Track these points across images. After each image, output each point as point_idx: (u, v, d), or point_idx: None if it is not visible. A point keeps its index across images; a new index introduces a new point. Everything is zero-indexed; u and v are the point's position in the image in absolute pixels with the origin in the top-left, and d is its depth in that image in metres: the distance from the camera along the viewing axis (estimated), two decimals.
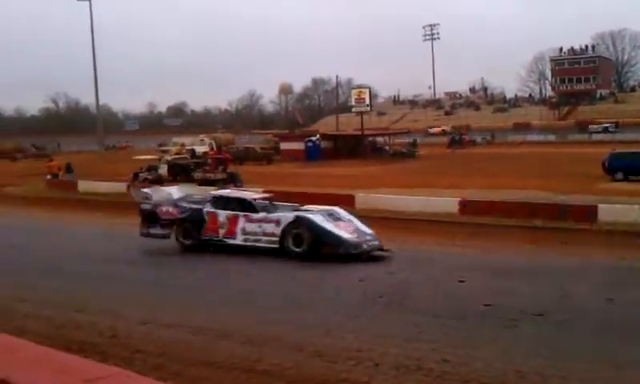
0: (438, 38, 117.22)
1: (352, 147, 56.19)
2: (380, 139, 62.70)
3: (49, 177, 36.41)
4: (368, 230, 14.32)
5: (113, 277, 11.83)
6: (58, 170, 37.60)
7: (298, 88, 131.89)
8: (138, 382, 2.34)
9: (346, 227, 14.01)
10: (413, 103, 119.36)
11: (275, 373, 6.19)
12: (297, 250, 13.38)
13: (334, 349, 6.96)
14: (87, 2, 74.24)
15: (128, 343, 7.15)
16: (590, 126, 74.76)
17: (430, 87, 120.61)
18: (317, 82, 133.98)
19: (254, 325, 7.93)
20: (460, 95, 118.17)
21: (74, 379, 2.28)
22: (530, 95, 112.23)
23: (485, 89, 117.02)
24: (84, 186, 32.74)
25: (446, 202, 21.43)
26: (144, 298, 9.81)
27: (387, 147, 59.57)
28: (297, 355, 6.74)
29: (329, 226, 13.74)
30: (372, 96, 66.53)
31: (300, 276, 11.53)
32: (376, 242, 13.94)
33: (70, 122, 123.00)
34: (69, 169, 38.46)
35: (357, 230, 14.11)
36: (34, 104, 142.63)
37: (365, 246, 13.58)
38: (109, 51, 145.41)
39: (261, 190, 27.02)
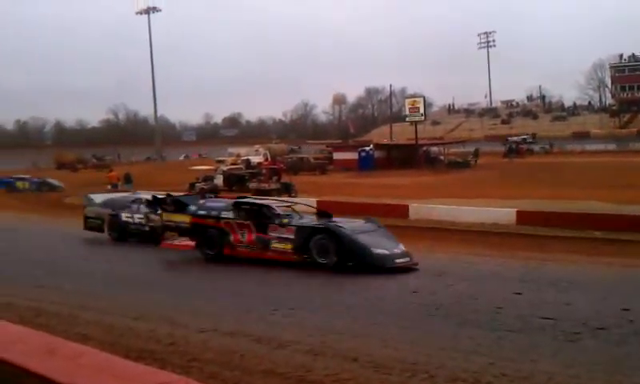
0: (494, 46, 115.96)
1: (406, 157, 55.93)
2: (434, 149, 62.19)
3: (108, 187, 37.38)
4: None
5: (170, 285, 12.06)
6: (118, 180, 38.59)
7: (351, 98, 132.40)
8: None
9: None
10: (468, 112, 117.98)
11: (330, 383, 6.18)
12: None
13: (389, 360, 6.90)
14: (146, 16, 76.16)
15: (185, 351, 7.25)
16: None
17: (485, 96, 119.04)
18: (370, 92, 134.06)
19: (311, 334, 7.94)
20: (517, 103, 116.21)
21: None
22: (590, 103, 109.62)
23: (542, 97, 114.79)
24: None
25: (502, 213, 21.11)
26: (200, 306, 9.94)
27: (442, 157, 59.01)
28: (352, 365, 6.71)
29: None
30: (426, 105, 66.29)
31: (350, 286, 11.49)
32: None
33: (129, 133, 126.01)
34: (128, 179, 39.46)
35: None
36: (94, 116, 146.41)
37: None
38: (167, 64, 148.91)
39: (314, 199, 27.19)
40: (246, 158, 53.50)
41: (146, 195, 19.01)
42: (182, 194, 20.00)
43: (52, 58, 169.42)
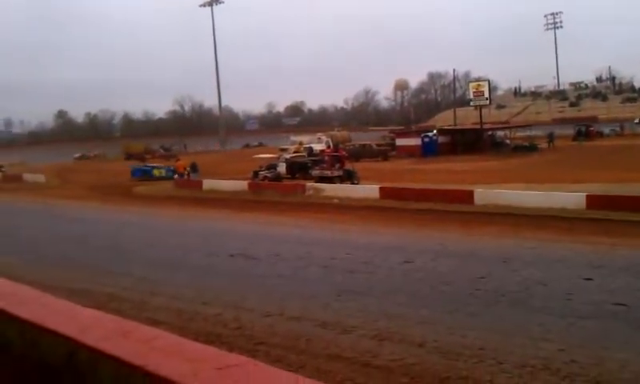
0: (561, 27, 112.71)
1: (470, 142, 55.00)
2: (500, 133, 60.94)
3: (176, 176, 38.15)
4: None
5: (236, 271, 12.25)
6: (184, 169, 39.33)
7: (413, 83, 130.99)
8: (266, 371, 2.40)
9: None
10: (535, 95, 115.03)
11: (396, 368, 6.18)
12: None
13: (455, 346, 6.85)
14: (210, 8, 77.16)
15: (252, 335, 7.37)
16: None
17: (553, 77, 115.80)
18: (433, 77, 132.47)
19: (376, 320, 7.94)
20: (586, 85, 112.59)
21: (206, 366, 2.37)
22: None
23: (612, 78, 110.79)
24: (208, 184, 34.10)
25: (571, 197, 20.55)
26: (265, 292, 10.06)
27: (508, 141, 57.79)
28: (418, 351, 6.69)
29: None
30: (491, 89, 64.92)
31: (415, 273, 11.40)
32: None
33: (194, 124, 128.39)
34: (194, 168, 40.23)
35: None
36: (161, 107, 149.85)
37: None
38: (231, 54, 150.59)
39: (377, 186, 27.10)
40: (308, 145, 53.75)
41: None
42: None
43: (119, 52, 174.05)
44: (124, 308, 8.58)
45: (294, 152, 48.22)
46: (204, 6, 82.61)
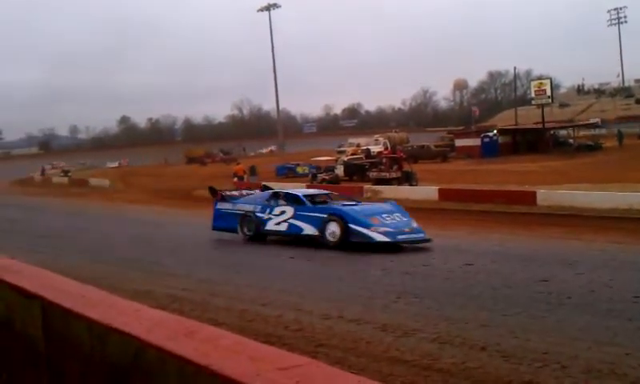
0: (625, 22, 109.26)
1: (532, 142, 53.87)
2: (563, 132, 59.48)
3: (235, 179, 38.67)
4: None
5: (296, 272, 12.33)
6: (244, 172, 39.84)
7: (473, 83, 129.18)
8: (328, 372, 2.40)
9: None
10: (599, 92, 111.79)
11: (458, 372, 6.10)
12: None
13: (518, 349, 6.72)
14: (267, 13, 77.94)
15: (312, 337, 7.40)
16: None
17: (618, 75, 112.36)
18: (493, 76, 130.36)
19: (437, 323, 7.86)
20: None
21: (269, 366, 2.40)
22: None
23: None
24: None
25: (638, 197, 19.89)
26: (325, 294, 10.08)
27: (571, 140, 56.35)
28: (479, 354, 6.59)
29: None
30: (553, 87, 63.31)
31: (474, 276, 11.23)
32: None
33: (253, 127, 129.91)
34: (253, 171, 40.72)
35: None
36: (220, 111, 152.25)
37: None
38: (288, 58, 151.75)
39: (435, 187, 26.84)
40: (365, 147, 53.64)
41: None
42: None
43: (180, 58, 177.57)
44: (186, 309, 8.74)
45: (352, 154, 48.21)
46: (262, 10, 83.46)
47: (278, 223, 16.26)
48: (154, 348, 2.76)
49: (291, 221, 15.89)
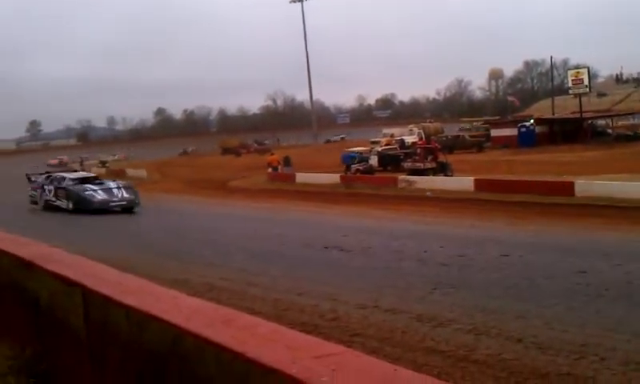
0: None
1: (570, 132, 52.95)
2: (601, 122, 58.36)
3: (269, 170, 38.84)
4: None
5: (331, 263, 12.34)
6: (278, 163, 39.98)
7: (509, 72, 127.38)
8: (364, 361, 2.42)
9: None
10: (638, 81, 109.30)
11: (494, 363, 6.05)
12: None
13: (555, 341, 6.64)
14: (300, 4, 77.86)
15: (347, 326, 7.42)
16: None
17: None
18: (529, 65, 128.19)
19: (472, 314, 7.81)
20: None
21: (305, 354, 2.42)
22: None
23: None
24: (301, 177, 34.53)
25: None
26: (361, 284, 10.08)
27: (609, 130, 55.28)
28: (516, 346, 6.53)
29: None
30: (591, 76, 62.10)
31: (511, 266, 11.10)
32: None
33: (287, 118, 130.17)
34: (287, 162, 40.85)
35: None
36: (255, 103, 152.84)
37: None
38: (321, 48, 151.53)
39: (471, 178, 26.59)
40: (400, 138, 53.38)
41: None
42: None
43: (215, 49, 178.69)
44: (223, 298, 8.82)
45: (386, 144, 48.00)
46: (294, 1, 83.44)
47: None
48: (191, 335, 2.80)
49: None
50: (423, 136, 53.71)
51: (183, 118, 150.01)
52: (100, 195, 23.23)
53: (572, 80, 59.08)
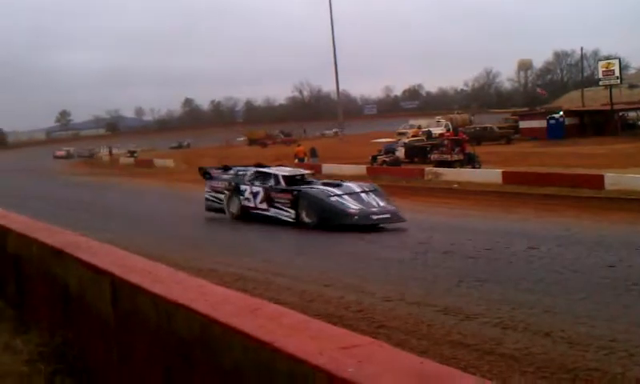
0: None
1: (600, 124, 52.12)
2: (632, 114, 57.37)
3: (296, 161, 38.85)
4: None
5: (357, 254, 12.34)
6: (304, 154, 39.99)
7: (538, 63, 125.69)
8: (390, 352, 2.41)
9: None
10: None
11: (521, 357, 6.00)
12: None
13: (584, 336, 6.56)
14: None
15: (373, 318, 7.41)
16: None
17: None
18: (559, 56, 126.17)
19: (499, 307, 7.75)
20: None
21: (331, 345, 2.42)
22: None
23: None
24: (328, 169, 34.47)
25: None
26: (387, 276, 10.07)
27: None
28: (544, 340, 6.47)
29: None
30: (622, 67, 61.02)
31: (539, 261, 10.98)
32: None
33: (313, 109, 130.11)
34: (313, 153, 40.84)
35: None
36: (281, 93, 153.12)
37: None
38: (348, 39, 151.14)
39: (499, 170, 26.35)
40: (427, 129, 53.07)
41: None
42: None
43: (241, 40, 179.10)
44: (249, 288, 8.87)
45: (412, 136, 47.75)
46: None
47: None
48: (219, 324, 2.82)
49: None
50: (451, 127, 53.31)
51: (210, 108, 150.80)
52: (353, 204, 15.69)
53: (602, 71, 58.10)
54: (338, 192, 16.07)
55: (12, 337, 5.13)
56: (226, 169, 19.48)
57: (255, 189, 17.11)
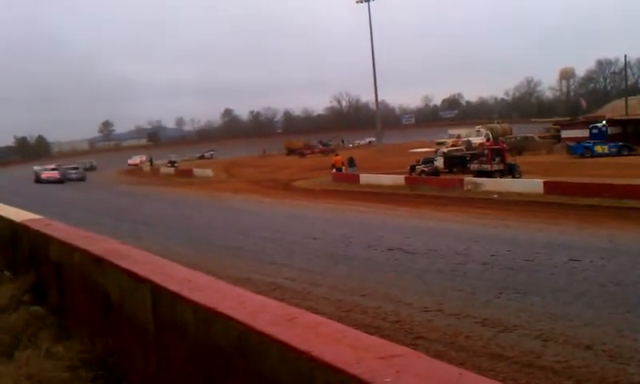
0: None
1: None
2: None
3: (334, 170, 38.88)
4: None
5: (395, 264, 12.27)
6: (342, 164, 40.00)
7: (580, 72, 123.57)
8: (429, 363, 2.38)
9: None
10: None
11: (561, 370, 5.90)
12: None
13: (626, 350, 6.42)
14: (366, 4, 77.59)
15: (411, 329, 7.36)
16: None
17: None
18: (602, 64, 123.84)
19: (539, 319, 7.63)
20: None
21: (369, 355, 2.41)
22: None
23: None
24: (365, 178, 34.42)
25: None
26: (425, 286, 9.99)
27: None
28: (585, 353, 6.34)
29: None
30: None
31: (582, 272, 10.78)
32: None
33: (351, 119, 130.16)
34: (351, 162, 40.83)
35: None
36: (319, 104, 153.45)
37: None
38: (387, 49, 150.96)
39: (540, 180, 25.97)
40: (466, 139, 52.60)
41: None
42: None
43: (281, 52, 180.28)
44: (286, 297, 8.89)
45: (452, 146, 47.39)
46: (360, 2, 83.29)
47: None
48: (256, 333, 2.82)
49: None
50: (491, 137, 52.75)
51: (250, 119, 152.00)
52: None
53: None
54: None
55: (54, 343, 5.21)
56: None
57: None
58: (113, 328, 4.72)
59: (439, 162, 38.39)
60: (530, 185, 26.25)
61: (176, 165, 67.35)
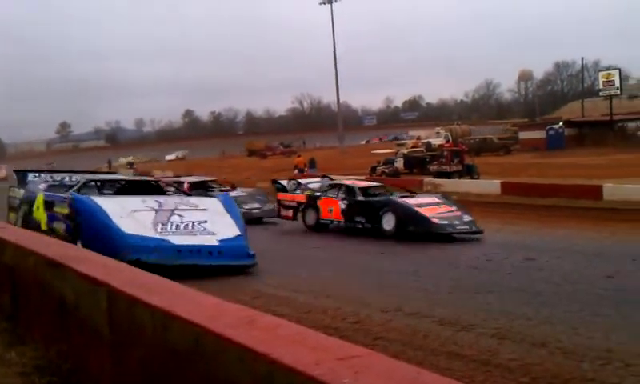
0: None
1: (600, 134, 52.21)
2: (632, 125, 57.50)
3: (295, 171, 38.91)
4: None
5: (361, 266, 12.33)
6: (304, 165, 40.10)
7: (538, 74, 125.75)
8: (387, 363, 2.41)
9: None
10: None
11: (517, 368, 5.99)
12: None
13: (580, 347, 6.55)
14: (329, 6, 77.68)
15: (370, 329, 7.39)
16: None
17: None
18: (560, 66, 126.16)
19: (497, 318, 7.75)
20: None
21: (328, 356, 2.42)
22: None
23: None
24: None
25: None
26: (384, 287, 10.06)
27: None
28: (540, 351, 6.45)
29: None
30: (622, 78, 61.19)
31: (540, 273, 10.99)
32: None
33: (313, 120, 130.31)
34: (312, 164, 40.94)
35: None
36: (281, 105, 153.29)
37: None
38: (349, 50, 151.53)
39: (498, 181, 26.38)
40: (426, 140, 53.17)
41: None
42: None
43: (242, 53, 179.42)
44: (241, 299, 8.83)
45: (412, 147, 47.86)
46: (323, 3, 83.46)
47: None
48: (214, 335, 2.82)
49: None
50: (450, 138, 53.43)
51: (210, 119, 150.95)
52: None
53: (603, 82, 58.29)
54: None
55: (6, 349, 5.11)
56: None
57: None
58: (68, 333, 4.65)
59: (399, 163, 38.73)
60: (488, 185, 26.65)
61: (134, 166, 66.59)
